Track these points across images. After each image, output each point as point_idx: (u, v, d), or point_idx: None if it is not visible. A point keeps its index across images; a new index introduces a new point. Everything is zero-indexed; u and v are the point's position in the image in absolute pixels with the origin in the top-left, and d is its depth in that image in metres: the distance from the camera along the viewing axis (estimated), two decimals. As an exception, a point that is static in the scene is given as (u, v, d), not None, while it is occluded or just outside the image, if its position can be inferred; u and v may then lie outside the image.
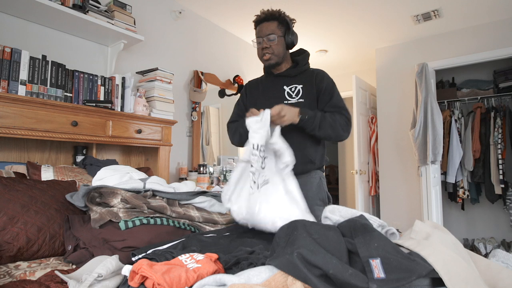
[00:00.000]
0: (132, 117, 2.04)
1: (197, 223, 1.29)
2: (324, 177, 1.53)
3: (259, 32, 1.49)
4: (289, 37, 1.49)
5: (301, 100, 1.45)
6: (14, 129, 1.52)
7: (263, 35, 1.46)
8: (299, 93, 1.47)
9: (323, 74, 1.52)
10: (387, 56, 3.86)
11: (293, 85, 1.49)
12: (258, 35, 1.50)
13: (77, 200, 1.24)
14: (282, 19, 1.48)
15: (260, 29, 1.49)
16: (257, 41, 1.51)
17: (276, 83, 1.53)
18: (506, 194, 3.24)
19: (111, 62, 2.26)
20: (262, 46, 1.47)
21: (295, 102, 1.45)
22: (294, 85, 1.49)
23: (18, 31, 1.86)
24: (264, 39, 1.46)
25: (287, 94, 1.48)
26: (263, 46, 1.47)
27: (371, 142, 4.10)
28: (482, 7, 2.95)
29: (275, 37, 1.45)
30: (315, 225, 0.81)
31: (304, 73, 1.52)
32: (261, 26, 1.48)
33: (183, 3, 2.88)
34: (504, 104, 3.40)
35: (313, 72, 1.52)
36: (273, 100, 1.46)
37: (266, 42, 1.46)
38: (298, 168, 1.40)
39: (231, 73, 3.42)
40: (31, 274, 0.95)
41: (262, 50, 1.48)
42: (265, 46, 1.46)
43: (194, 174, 2.65)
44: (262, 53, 1.49)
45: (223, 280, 0.65)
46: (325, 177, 1.57)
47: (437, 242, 0.69)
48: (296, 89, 1.48)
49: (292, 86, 1.49)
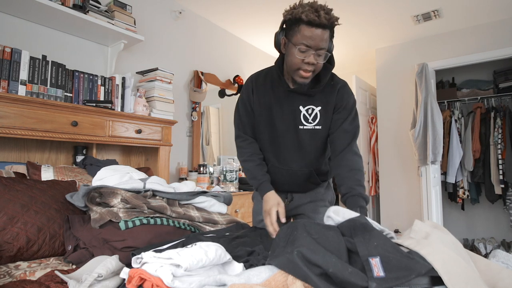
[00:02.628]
0: (132, 117, 2.04)
1: (197, 223, 1.29)
2: (331, 180, 1.51)
3: (310, 40, 1.09)
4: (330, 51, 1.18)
5: (318, 127, 1.26)
6: (14, 129, 1.52)
7: (315, 47, 1.10)
8: (316, 117, 1.25)
9: (344, 91, 1.27)
10: (387, 56, 3.86)
11: (310, 106, 1.25)
12: (306, 42, 1.10)
13: (77, 200, 1.24)
14: (333, 30, 1.15)
15: (312, 35, 1.09)
16: (301, 49, 1.11)
17: (291, 100, 1.27)
18: (506, 194, 3.25)
19: (111, 62, 2.26)
20: (308, 60, 1.12)
21: (311, 128, 1.26)
22: (311, 106, 1.25)
23: (18, 31, 1.86)
24: (314, 53, 1.11)
25: (303, 117, 1.26)
26: (309, 60, 1.12)
27: (371, 142, 4.10)
28: (482, 7, 2.95)
29: (326, 55, 1.14)
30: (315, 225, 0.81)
31: (324, 89, 1.26)
32: (315, 32, 1.08)
33: (183, 3, 2.88)
34: (504, 104, 3.40)
35: (333, 86, 1.27)
36: (286, 123, 1.28)
37: (314, 57, 1.12)
38: (309, 187, 1.38)
39: (231, 73, 3.42)
40: (31, 274, 0.95)
41: (305, 64, 1.13)
42: (312, 61, 1.12)
43: (194, 174, 2.65)
44: (303, 68, 1.14)
45: (223, 280, 0.65)
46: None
47: (436, 241, 0.69)
48: (313, 112, 1.26)
49: (309, 108, 1.25)
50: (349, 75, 3.89)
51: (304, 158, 1.30)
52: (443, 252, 0.62)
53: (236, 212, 2.50)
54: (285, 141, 1.30)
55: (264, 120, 1.32)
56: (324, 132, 1.27)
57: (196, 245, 0.78)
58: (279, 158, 1.33)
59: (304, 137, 1.27)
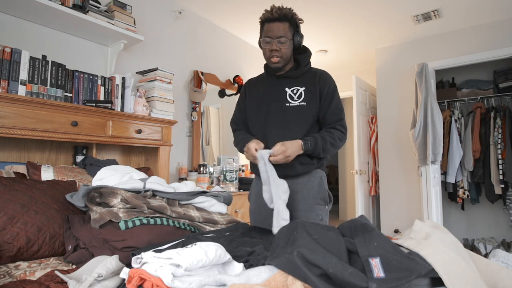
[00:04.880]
0: (132, 117, 2.04)
1: (197, 223, 1.29)
2: (325, 176, 1.51)
3: (269, 32, 1.40)
4: (297, 39, 1.43)
5: (303, 103, 1.42)
6: (14, 129, 1.52)
7: (274, 36, 1.38)
8: (301, 95, 1.43)
9: (326, 76, 1.49)
10: (387, 56, 3.86)
11: (295, 87, 1.45)
12: (267, 34, 1.40)
13: (77, 200, 1.24)
14: (293, 21, 1.41)
15: (270, 28, 1.40)
16: (265, 41, 1.41)
17: (278, 84, 1.49)
18: (506, 194, 3.24)
19: (111, 62, 2.26)
20: (271, 48, 1.40)
21: (297, 104, 1.43)
22: (296, 87, 1.45)
23: (18, 31, 1.86)
24: (275, 41, 1.38)
25: (289, 96, 1.45)
26: (272, 47, 1.40)
27: (371, 142, 4.10)
28: (482, 7, 2.95)
29: (286, 40, 1.39)
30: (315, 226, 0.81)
31: (306, 74, 1.48)
32: (272, 25, 1.39)
33: (183, 3, 2.88)
34: (504, 104, 3.40)
35: (315, 73, 1.48)
36: (274, 103, 1.45)
37: (276, 44, 1.38)
38: (298, 170, 1.41)
39: (231, 73, 3.42)
40: (31, 274, 0.95)
41: (270, 51, 1.41)
42: (274, 48, 1.39)
43: (194, 174, 2.65)
44: (271, 55, 1.42)
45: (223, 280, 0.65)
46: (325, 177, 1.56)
47: (436, 242, 0.69)
48: (298, 91, 1.44)
49: (294, 88, 1.45)
50: (349, 75, 3.89)
51: (292, 134, 1.38)
52: (443, 253, 0.62)
53: (236, 212, 2.50)
54: (273, 120, 1.45)
55: (254, 105, 1.52)
56: (308, 108, 1.43)
57: (196, 245, 0.78)
58: (269, 138, 1.42)
59: (290, 113, 1.43)
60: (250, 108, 1.54)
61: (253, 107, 1.52)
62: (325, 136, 1.38)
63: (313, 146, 1.35)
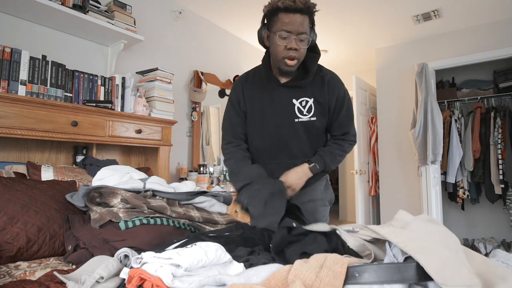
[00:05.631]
0: (132, 117, 2.04)
1: (197, 223, 1.29)
2: (328, 179, 1.51)
3: (289, 25, 1.10)
4: (313, 38, 1.19)
5: (313, 118, 1.25)
6: (14, 129, 1.52)
7: (295, 31, 1.11)
8: (310, 109, 1.25)
9: (335, 83, 1.28)
10: (387, 56, 3.86)
11: (303, 98, 1.26)
12: (285, 27, 1.11)
13: (77, 200, 1.24)
14: (312, 17, 1.15)
15: (290, 20, 1.10)
16: (281, 35, 1.12)
17: (284, 94, 1.27)
18: (506, 194, 3.24)
19: (111, 62, 2.26)
20: (290, 46, 1.12)
21: (307, 120, 1.26)
22: (305, 98, 1.26)
23: (18, 31, 1.86)
24: (295, 38, 1.12)
25: (298, 110, 1.25)
26: (291, 45, 1.12)
27: (371, 142, 4.10)
28: (482, 7, 2.95)
29: (306, 38, 1.14)
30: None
31: (313, 79, 1.26)
32: (293, 17, 1.10)
33: (183, 3, 2.88)
34: (504, 104, 3.40)
35: (323, 78, 1.27)
36: (282, 117, 1.27)
37: (295, 42, 1.12)
38: (310, 182, 1.32)
39: (231, 73, 3.42)
40: (31, 274, 0.95)
41: (288, 50, 1.14)
42: (294, 47, 1.13)
43: (194, 174, 2.65)
44: (287, 55, 1.15)
45: (223, 280, 0.65)
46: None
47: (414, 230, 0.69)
48: (307, 104, 1.26)
49: (303, 100, 1.25)
50: (349, 75, 3.89)
51: (300, 151, 1.30)
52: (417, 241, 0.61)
53: (236, 212, 2.50)
54: (280, 135, 1.29)
55: (256, 118, 1.32)
56: (319, 123, 1.27)
57: (196, 245, 0.78)
58: (273, 154, 1.32)
59: (299, 129, 1.27)
60: (251, 119, 1.34)
61: (255, 119, 1.32)
62: (333, 150, 1.28)
63: (321, 166, 1.26)
